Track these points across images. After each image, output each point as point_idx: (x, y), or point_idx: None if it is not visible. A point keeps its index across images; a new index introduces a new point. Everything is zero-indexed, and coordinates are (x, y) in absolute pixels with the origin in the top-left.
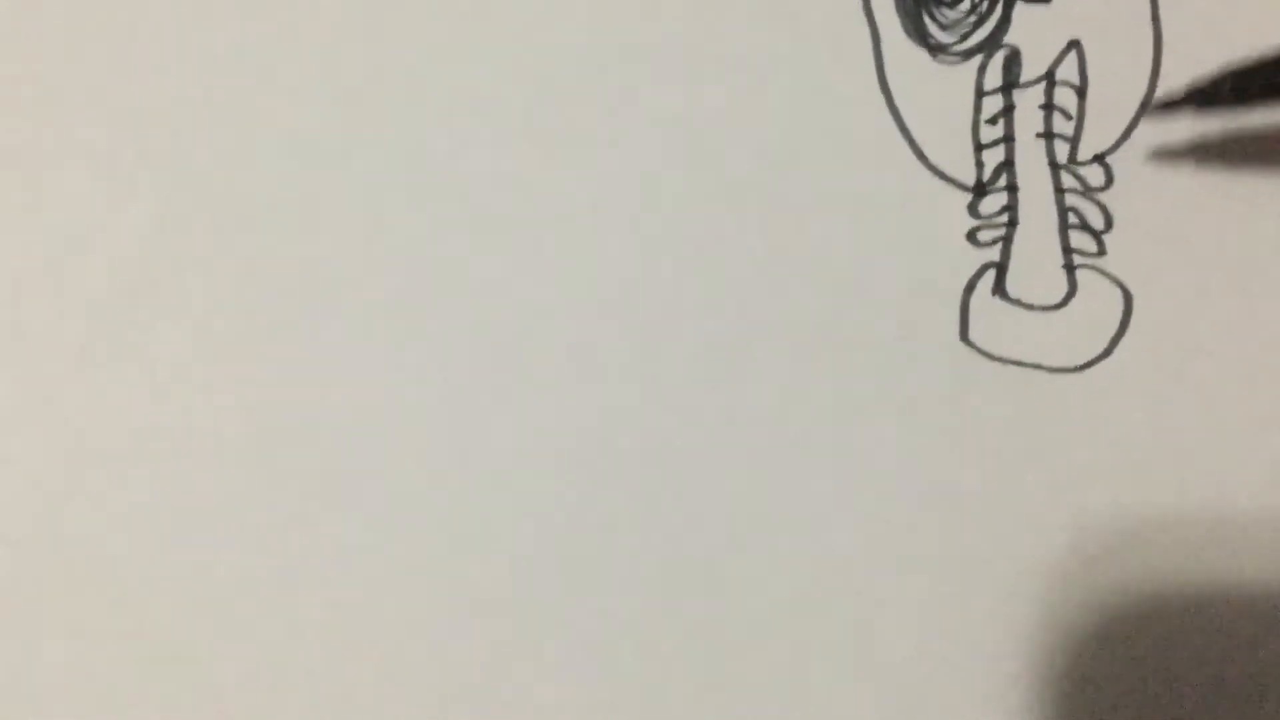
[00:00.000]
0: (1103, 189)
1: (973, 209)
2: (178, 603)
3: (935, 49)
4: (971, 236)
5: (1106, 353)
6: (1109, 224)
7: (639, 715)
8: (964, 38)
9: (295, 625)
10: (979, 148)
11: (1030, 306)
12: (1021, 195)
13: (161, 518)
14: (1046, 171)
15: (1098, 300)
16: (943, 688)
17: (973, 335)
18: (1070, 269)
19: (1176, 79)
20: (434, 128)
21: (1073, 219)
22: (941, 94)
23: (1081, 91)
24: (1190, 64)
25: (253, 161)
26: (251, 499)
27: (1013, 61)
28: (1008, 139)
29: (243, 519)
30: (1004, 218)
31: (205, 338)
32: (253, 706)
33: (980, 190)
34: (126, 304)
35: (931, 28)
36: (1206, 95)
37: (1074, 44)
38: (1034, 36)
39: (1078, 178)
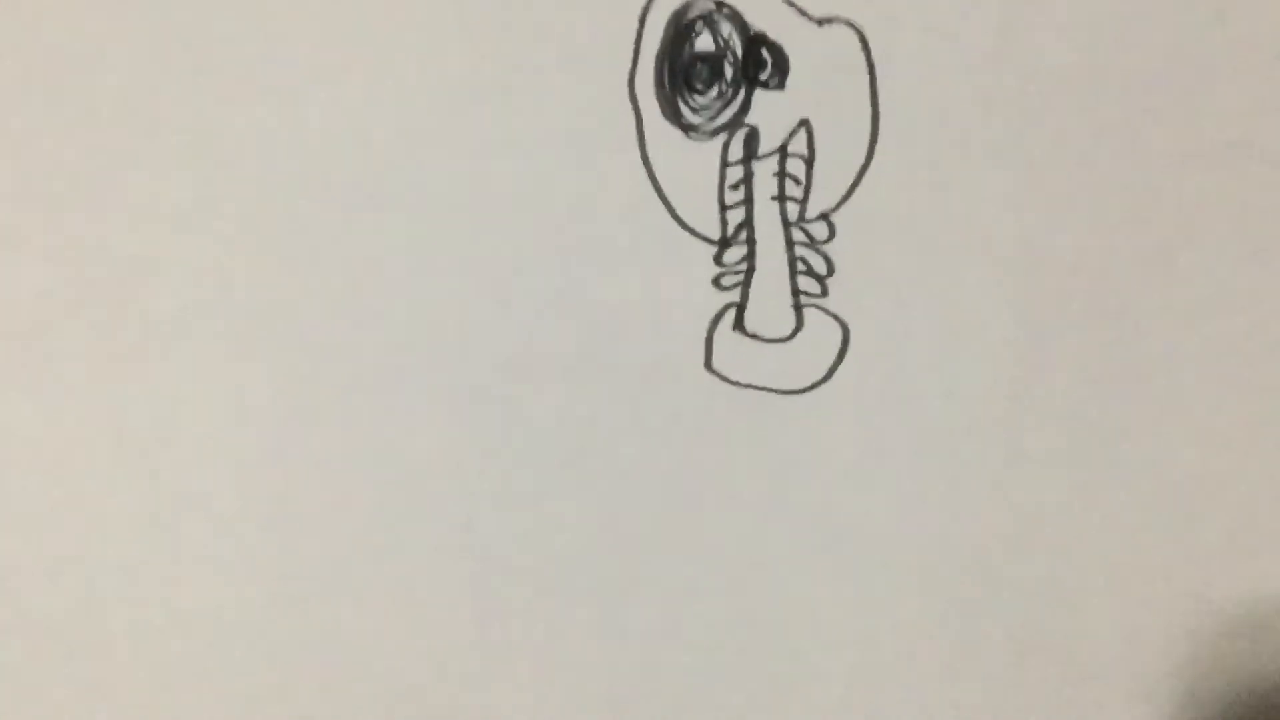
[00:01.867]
0: (826, 241)
1: (718, 259)
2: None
3: (688, 128)
4: (716, 281)
5: (827, 377)
6: (830, 270)
7: None
8: (712, 119)
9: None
10: (723, 208)
11: (764, 339)
12: (759, 247)
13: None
14: (779, 228)
15: (820, 333)
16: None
17: (715, 364)
18: (798, 307)
19: (892, 149)
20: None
21: (801, 266)
22: (693, 164)
23: (809, 161)
24: (905, 136)
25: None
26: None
27: (752, 138)
28: (747, 201)
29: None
30: (743, 265)
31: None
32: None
33: (724, 243)
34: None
35: (685, 111)
36: None
37: (804, 122)
38: (770, 117)
39: (805, 232)
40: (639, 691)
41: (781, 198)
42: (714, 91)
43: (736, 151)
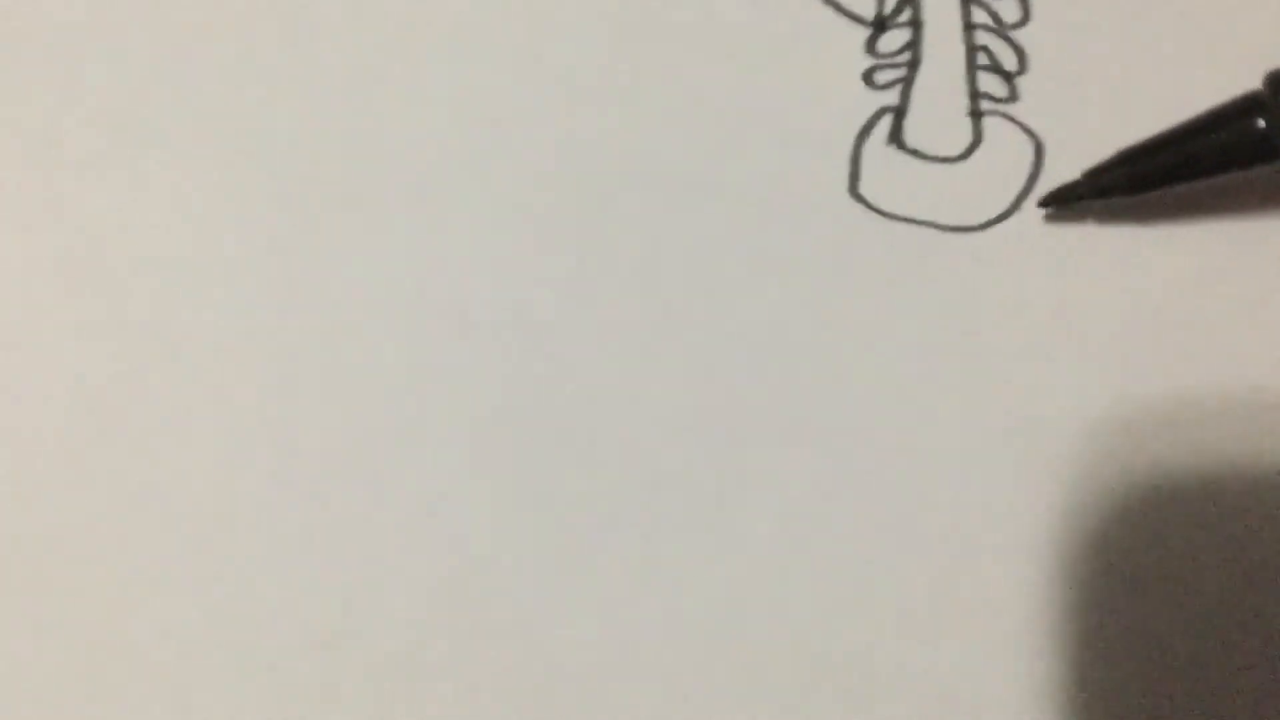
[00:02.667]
0: (1018, 25)
1: (870, 46)
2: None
3: None
4: (867, 77)
5: (1012, 209)
6: (1023, 66)
7: None
8: None
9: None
10: None
11: (929, 157)
12: (926, 31)
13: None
14: (955, 4)
15: (1006, 151)
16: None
17: (863, 189)
18: (976, 115)
19: None
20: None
21: (982, 59)
22: None
23: None
24: None
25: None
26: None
27: None
28: None
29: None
30: (905, 56)
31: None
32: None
33: (880, 25)
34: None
35: None
36: (1103, 182)
37: None
38: None
39: (990, 12)
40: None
41: None
42: None
43: None
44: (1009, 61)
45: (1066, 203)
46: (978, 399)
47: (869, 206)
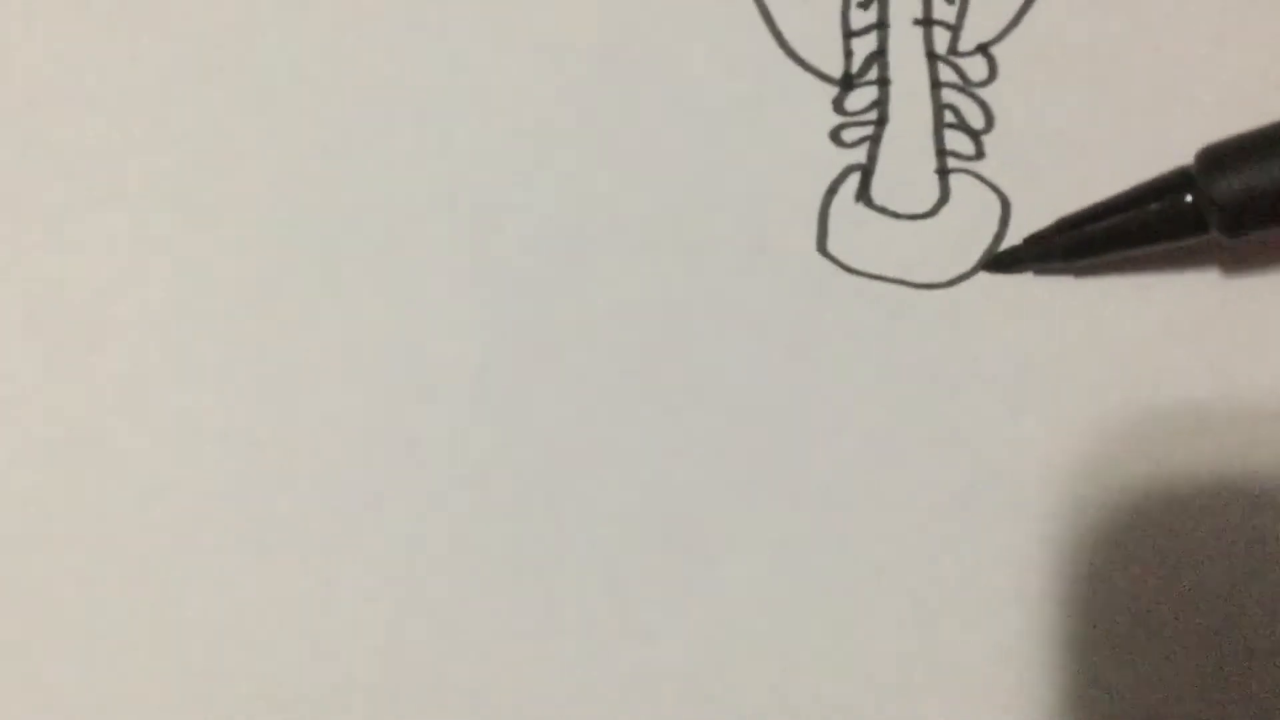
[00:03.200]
0: (984, 84)
1: (838, 104)
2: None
3: None
4: (835, 135)
5: (978, 268)
6: (989, 123)
7: None
8: None
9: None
10: (848, 35)
11: (897, 215)
12: (893, 89)
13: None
14: (923, 63)
15: (972, 208)
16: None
17: (831, 246)
18: (943, 173)
19: None
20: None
21: (949, 117)
22: None
23: None
24: None
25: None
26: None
27: None
28: (881, 25)
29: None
30: (872, 114)
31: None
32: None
33: (847, 83)
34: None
35: None
36: (1042, 248)
37: None
38: None
39: (957, 70)
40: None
41: (927, 21)
42: None
43: None
44: (975, 119)
45: (1009, 268)
46: (945, 450)
47: (837, 263)
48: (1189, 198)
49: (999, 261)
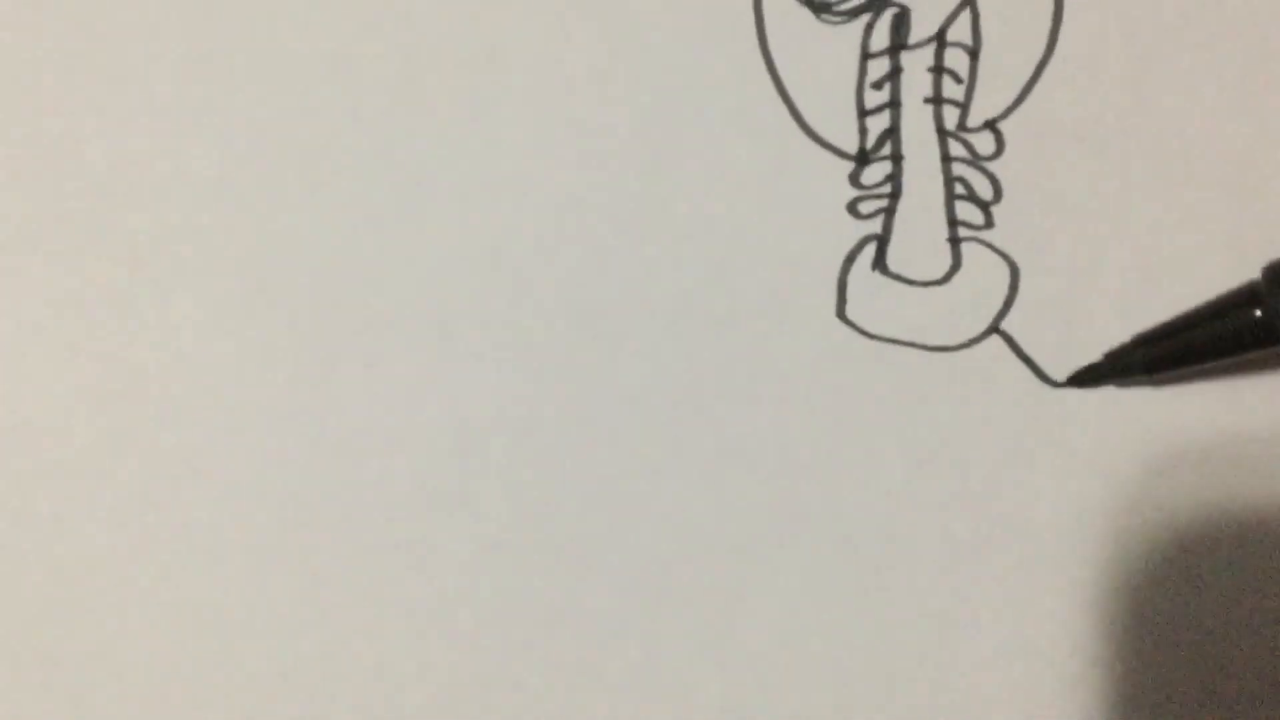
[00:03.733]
0: (992, 157)
1: (854, 179)
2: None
3: (819, 7)
4: (852, 208)
5: (990, 330)
6: (998, 195)
7: None
8: None
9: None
10: (863, 113)
11: (912, 282)
12: (906, 164)
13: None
14: (934, 139)
15: (983, 275)
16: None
17: (850, 312)
18: (955, 242)
19: (1079, 38)
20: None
21: (959, 189)
22: (824, 55)
23: (974, 53)
24: (1095, 21)
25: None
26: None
27: (901, 21)
28: (893, 104)
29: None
30: (887, 188)
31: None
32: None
33: (863, 159)
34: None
35: None
36: (1123, 364)
37: (968, 1)
38: None
39: (966, 145)
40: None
41: (937, 99)
42: None
43: (881, 39)
44: (985, 191)
45: (1091, 383)
46: (960, 507)
47: (856, 329)
48: (1258, 312)
49: (1082, 378)
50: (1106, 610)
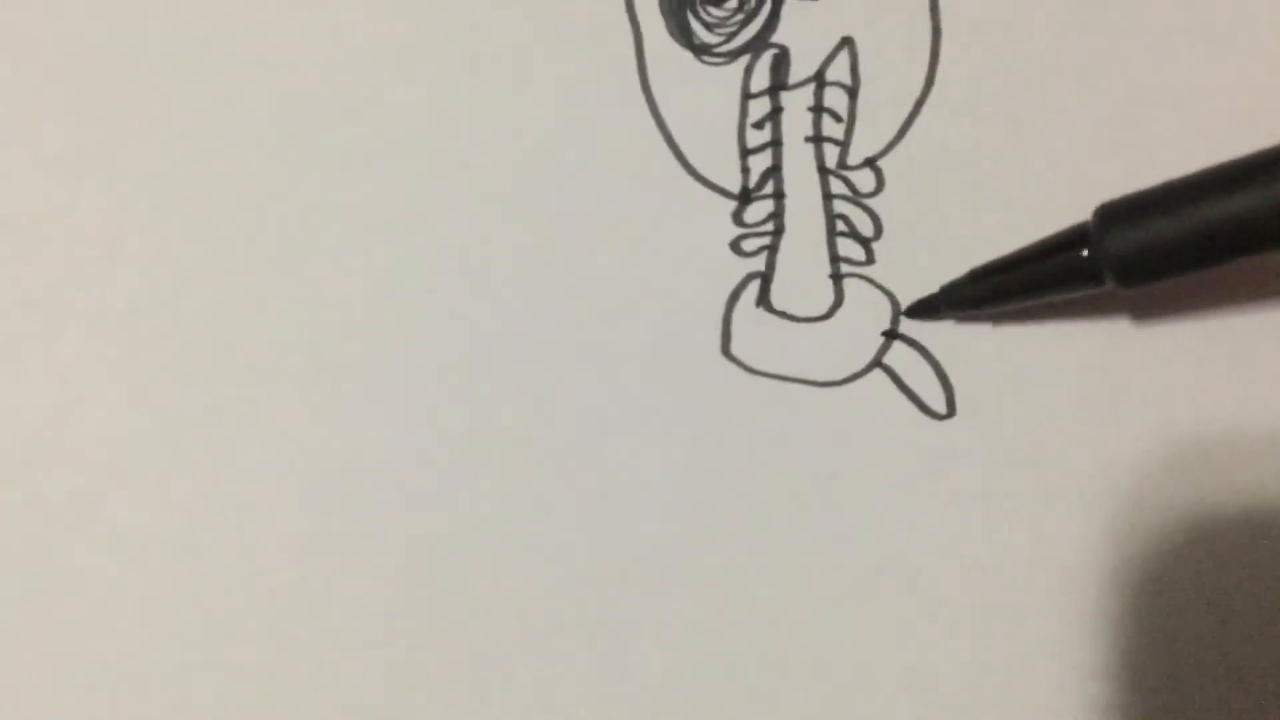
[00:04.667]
0: (873, 194)
1: (737, 217)
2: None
3: (700, 49)
4: (735, 245)
5: (872, 366)
6: (879, 231)
7: None
8: (730, 37)
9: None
10: (745, 153)
11: (795, 318)
12: (788, 202)
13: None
14: (815, 176)
15: (864, 310)
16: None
17: (735, 349)
18: (837, 278)
19: (956, 77)
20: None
21: (841, 226)
22: (706, 97)
23: (853, 92)
24: (971, 60)
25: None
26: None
27: (781, 61)
28: (775, 143)
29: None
30: (769, 225)
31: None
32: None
33: (745, 197)
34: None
35: (696, 27)
36: (957, 296)
37: (846, 41)
38: (803, 35)
39: (847, 183)
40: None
41: (818, 138)
42: (733, 1)
43: (762, 79)
44: (865, 228)
45: (926, 315)
46: (846, 539)
47: (741, 365)
48: (1085, 252)
49: (917, 309)
50: (979, 648)
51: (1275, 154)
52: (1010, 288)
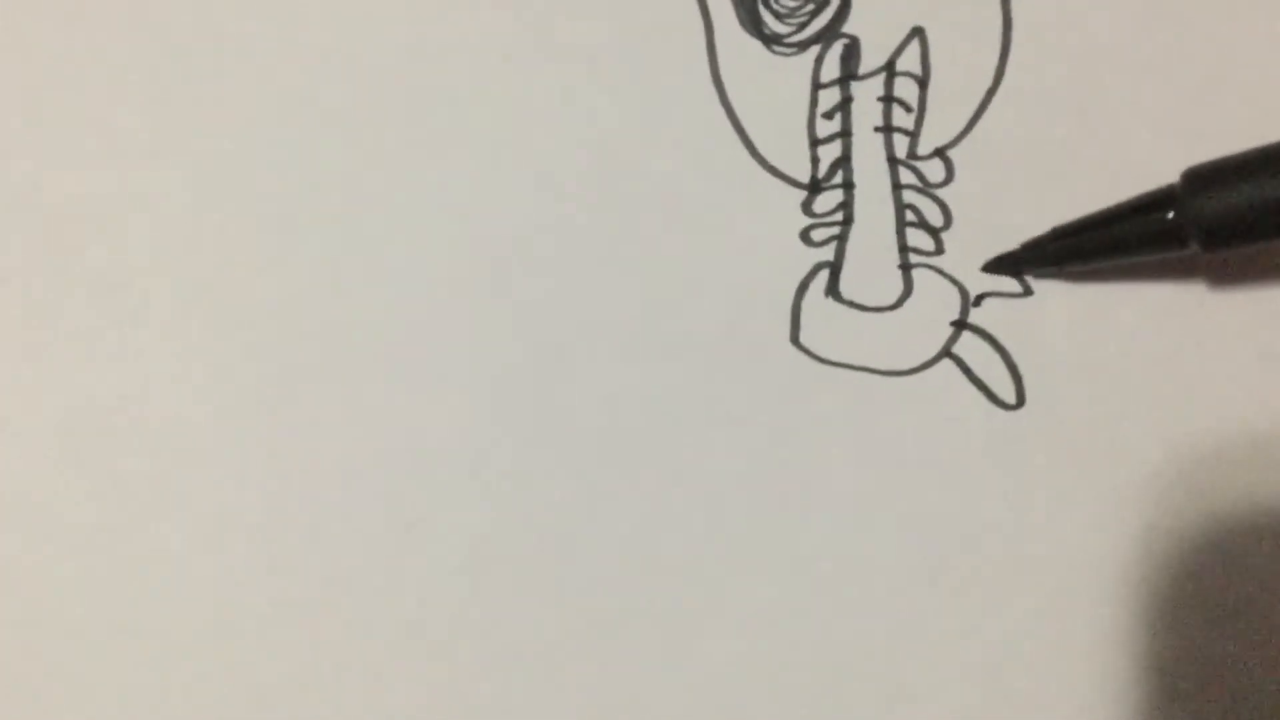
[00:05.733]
0: (942, 184)
1: (806, 207)
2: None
3: (770, 39)
4: (805, 236)
5: (942, 355)
6: (948, 221)
7: None
8: (801, 27)
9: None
10: (814, 143)
11: (864, 308)
12: (858, 192)
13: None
14: (884, 167)
15: (933, 300)
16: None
17: (804, 338)
18: (906, 268)
19: (1026, 68)
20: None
21: (910, 216)
22: (776, 87)
23: (923, 82)
24: (1041, 51)
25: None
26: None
27: (851, 52)
28: (844, 134)
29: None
30: (839, 215)
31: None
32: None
33: (815, 187)
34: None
35: (767, 17)
36: (1038, 253)
37: (917, 31)
38: (874, 25)
39: (916, 173)
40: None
41: (887, 128)
42: None
43: (832, 69)
44: (935, 218)
45: (1007, 269)
46: (915, 529)
47: (810, 354)
48: (1171, 214)
49: (998, 263)
50: (1066, 634)
51: None
52: (1092, 247)
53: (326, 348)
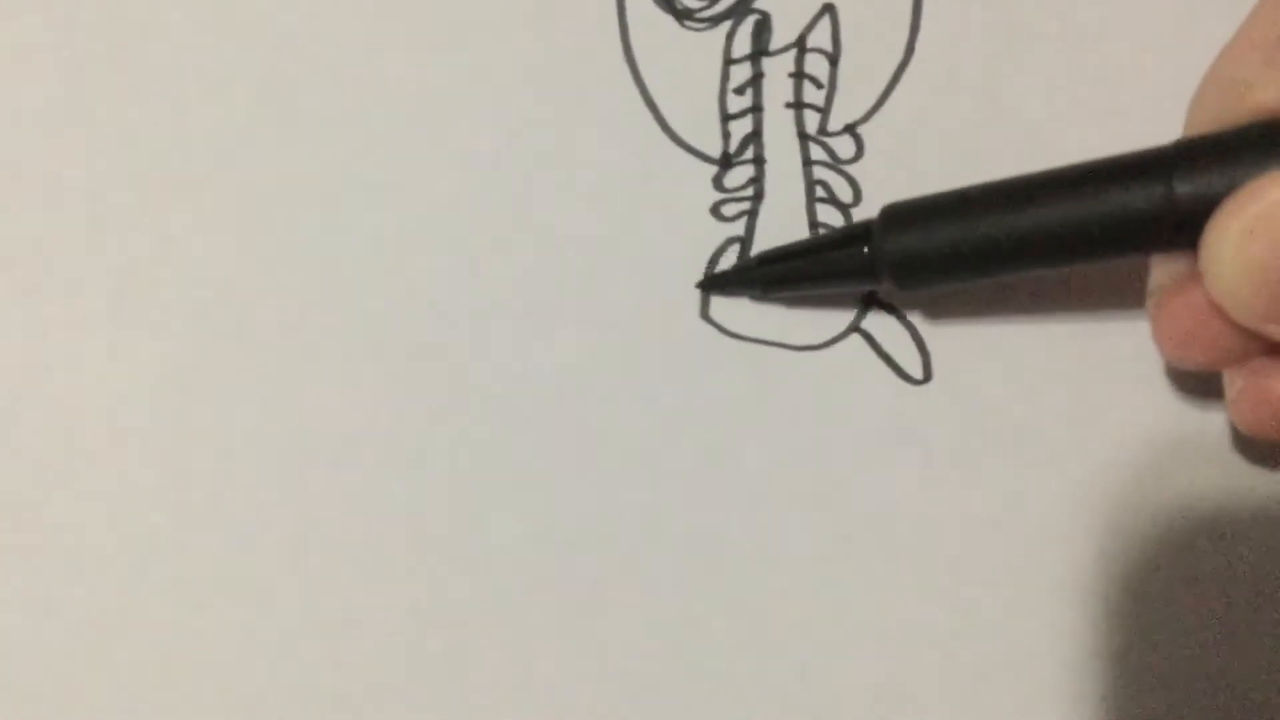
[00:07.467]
0: (852, 160)
1: (718, 182)
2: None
3: (682, 14)
4: (716, 210)
5: (850, 330)
6: (857, 197)
7: None
8: (712, 2)
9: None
10: (726, 118)
11: None
12: (768, 167)
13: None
14: (795, 143)
15: None
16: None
17: (713, 313)
18: None
19: (936, 45)
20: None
21: (820, 192)
22: (688, 62)
23: (834, 59)
24: (951, 29)
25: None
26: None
27: (763, 28)
28: (756, 109)
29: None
30: (749, 191)
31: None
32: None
33: (726, 162)
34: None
35: None
36: (746, 277)
37: (828, 8)
38: (786, 1)
39: (826, 149)
40: (620, 697)
41: (798, 104)
42: None
43: (743, 45)
44: (845, 194)
45: (718, 289)
46: (821, 504)
47: (720, 329)
48: (865, 249)
49: (709, 283)
50: (953, 613)
51: (1044, 178)
52: (795, 276)
53: (239, 334)
